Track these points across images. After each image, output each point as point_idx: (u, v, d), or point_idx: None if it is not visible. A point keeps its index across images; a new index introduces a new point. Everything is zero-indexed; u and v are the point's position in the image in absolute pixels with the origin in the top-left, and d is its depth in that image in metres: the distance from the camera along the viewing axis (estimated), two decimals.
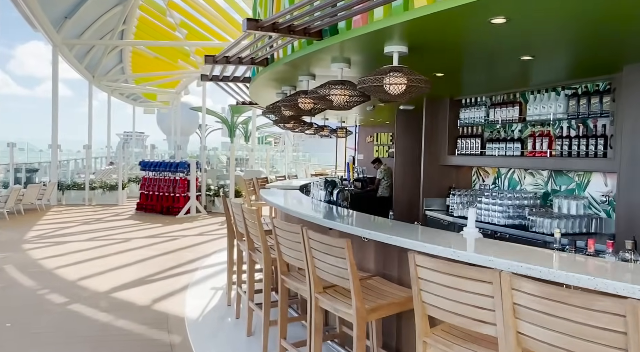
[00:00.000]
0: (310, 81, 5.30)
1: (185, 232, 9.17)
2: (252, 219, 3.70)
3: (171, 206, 11.55)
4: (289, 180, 9.66)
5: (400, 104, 6.64)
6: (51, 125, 13.51)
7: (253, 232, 3.79)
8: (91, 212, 11.90)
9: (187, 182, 11.53)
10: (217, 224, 10.25)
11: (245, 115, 41.39)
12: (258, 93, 7.20)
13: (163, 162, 11.81)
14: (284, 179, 9.45)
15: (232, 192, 11.84)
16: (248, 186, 7.94)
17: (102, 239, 8.41)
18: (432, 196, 5.54)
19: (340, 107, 4.02)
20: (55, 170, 13.50)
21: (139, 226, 9.92)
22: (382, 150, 10.50)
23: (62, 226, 9.59)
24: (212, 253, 7.29)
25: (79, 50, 16.62)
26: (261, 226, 3.62)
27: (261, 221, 3.62)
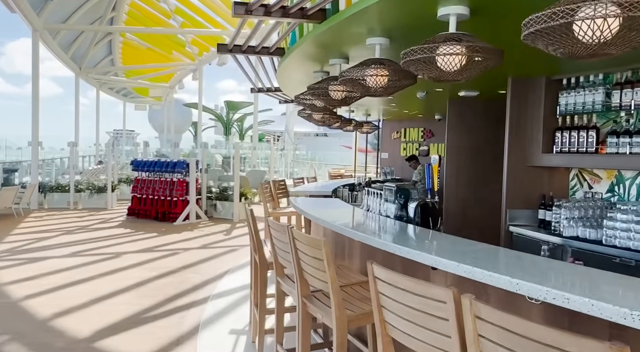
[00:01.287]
0: (344, 65, 4.06)
1: (186, 245, 7.80)
2: (317, 255, 2.36)
3: (168, 211, 10.15)
4: (308, 183, 8.34)
5: (457, 89, 5.35)
6: (31, 119, 12.04)
7: (315, 275, 2.45)
8: (76, 218, 10.47)
9: (185, 184, 10.15)
10: (221, 233, 8.89)
11: (241, 112, 39.91)
12: (286, 81, 5.90)
13: (158, 161, 10.40)
14: (302, 182, 8.14)
15: (236, 195, 10.47)
16: (265, 191, 6.60)
17: (87, 253, 7.01)
18: (517, 206, 4.24)
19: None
20: (36, 170, 12.03)
21: (131, 235, 8.53)
22: (411, 148, 9.21)
23: (40, 236, 8.17)
24: (222, 274, 5.93)
25: (64, 38, 15.12)
26: (333, 266, 2.28)
27: (332, 259, 2.28)
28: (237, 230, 9.30)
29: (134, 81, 21.77)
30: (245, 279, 5.63)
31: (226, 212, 10.77)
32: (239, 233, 8.97)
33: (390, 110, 7.90)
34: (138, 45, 19.46)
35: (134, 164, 10.75)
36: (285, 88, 6.55)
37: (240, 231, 9.24)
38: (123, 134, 34.75)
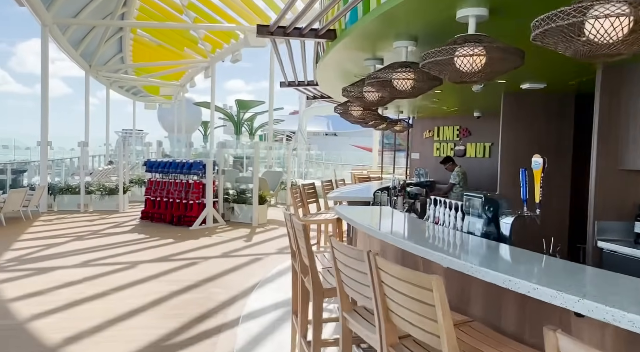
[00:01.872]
0: (411, 48, 3.48)
1: (205, 253, 7.21)
2: (422, 297, 1.71)
3: (183, 215, 9.58)
4: (339, 187, 7.71)
5: (520, 81, 4.69)
6: (40, 118, 11.52)
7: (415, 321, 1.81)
8: (87, 221, 9.93)
9: (202, 186, 9.57)
10: (241, 240, 8.29)
11: (251, 112, 39.34)
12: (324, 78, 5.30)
13: (173, 162, 9.83)
14: (331, 185, 7.50)
15: (255, 198, 9.87)
16: (295, 196, 5.98)
17: (99, 263, 6.44)
18: (608, 218, 3.58)
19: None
20: (45, 171, 11.52)
21: (145, 242, 7.96)
22: (445, 148, 8.55)
23: (49, 243, 7.63)
24: (250, 289, 5.32)
25: (74, 34, 14.62)
26: (449, 316, 1.64)
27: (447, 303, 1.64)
28: (258, 236, 8.69)
29: (144, 79, 21.28)
30: (277, 296, 5.02)
31: (244, 216, 10.18)
32: (260, 239, 8.37)
33: (427, 107, 7.25)
34: (149, 42, 18.96)
35: (147, 164, 10.19)
36: (324, 81, 5.93)
37: (261, 236, 8.63)
38: (132, 134, 34.37)
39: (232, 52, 16.64)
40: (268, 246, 7.83)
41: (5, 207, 9.22)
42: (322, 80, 5.98)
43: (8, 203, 9.27)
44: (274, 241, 8.20)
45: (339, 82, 5.23)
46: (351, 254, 2.22)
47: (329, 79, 5.60)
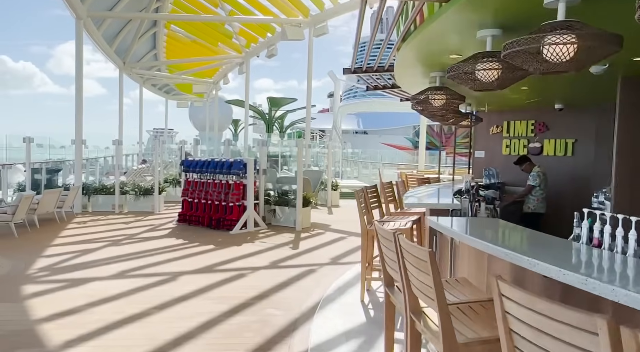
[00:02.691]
0: None
1: (251, 262, 6.50)
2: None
3: (222, 218, 8.93)
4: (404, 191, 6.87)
5: None
6: (75, 115, 11.11)
7: None
8: (122, 223, 9.41)
9: (242, 187, 8.89)
10: (287, 246, 7.55)
11: (283, 109, 38.81)
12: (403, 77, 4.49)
13: (212, 161, 9.19)
14: (391, 190, 6.67)
15: (299, 200, 9.12)
16: (360, 201, 5.17)
17: (137, 273, 5.81)
18: None
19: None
20: (79, 171, 11.11)
21: (184, 248, 7.32)
22: (517, 145, 7.58)
23: (83, 248, 7.08)
24: (311, 311, 4.55)
25: (108, 30, 14.25)
26: None
27: None
28: (305, 242, 7.94)
29: (177, 76, 20.92)
30: (344, 322, 4.24)
31: (286, 219, 9.46)
32: (308, 246, 7.61)
33: (505, 97, 6.31)
34: (183, 38, 18.54)
35: (184, 164, 9.59)
36: (404, 65, 5.08)
37: (308, 243, 7.88)
38: (164, 133, 34.36)
39: (267, 46, 15.99)
40: (318, 254, 7.06)
41: (39, 208, 8.78)
42: (402, 65, 5.13)
43: (42, 204, 8.83)
44: (324, 249, 7.43)
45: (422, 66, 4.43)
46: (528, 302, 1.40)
47: (410, 63, 4.75)
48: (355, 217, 10.86)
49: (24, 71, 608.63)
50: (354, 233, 8.71)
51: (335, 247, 7.52)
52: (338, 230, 9.09)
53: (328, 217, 10.77)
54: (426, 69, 4.64)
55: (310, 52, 14.66)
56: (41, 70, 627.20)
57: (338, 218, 10.64)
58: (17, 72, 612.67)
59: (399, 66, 4.91)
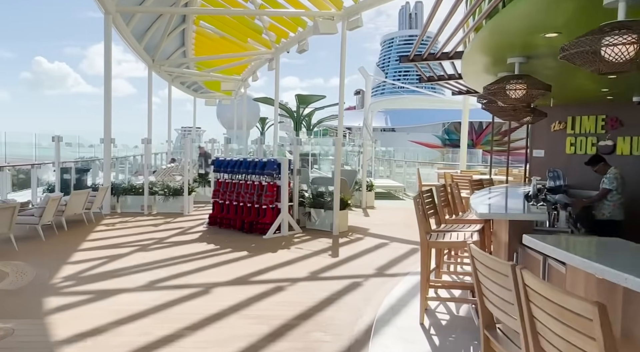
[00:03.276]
0: None
1: (288, 272, 5.94)
2: None
3: (255, 221, 8.41)
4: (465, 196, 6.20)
5: None
6: (103, 113, 10.82)
7: None
8: (151, 226, 9.03)
9: (276, 189, 8.35)
10: (325, 254, 6.97)
11: (311, 107, 38.33)
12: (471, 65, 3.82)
13: (244, 161, 8.69)
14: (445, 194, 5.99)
15: (336, 202, 8.53)
16: (418, 207, 4.52)
17: (167, 284, 5.33)
18: None
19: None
20: (108, 171, 10.82)
21: (216, 255, 6.83)
22: (584, 144, 6.76)
23: (111, 254, 6.68)
24: (364, 335, 3.94)
25: (137, 27, 13.97)
26: None
27: None
28: (344, 249, 7.33)
29: (206, 74, 20.62)
30: (407, 350, 3.61)
31: (322, 222, 8.88)
32: (349, 253, 7.00)
33: (578, 88, 5.51)
34: (212, 35, 18.18)
35: (215, 163, 9.12)
36: (471, 81, 4.43)
37: (347, 249, 7.27)
38: (192, 131, 34.40)
39: (298, 41, 15.41)
40: (361, 264, 6.44)
41: (67, 210, 8.47)
42: (477, 49, 4.43)
43: (70, 206, 8.51)
44: (366, 258, 6.81)
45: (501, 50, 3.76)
46: None
47: (487, 46, 4.05)
48: (395, 220, 10.30)
49: (58, 72, 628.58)
50: (397, 239, 8.06)
51: (378, 256, 6.89)
52: (378, 235, 8.45)
53: (365, 220, 10.14)
54: (505, 53, 3.94)
55: (344, 46, 13.98)
56: (75, 70, 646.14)
57: (376, 221, 10.00)
58: (52, 73, 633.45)
59: (472, 51, 4.20)
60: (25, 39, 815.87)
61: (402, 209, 12.31)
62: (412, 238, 8.11)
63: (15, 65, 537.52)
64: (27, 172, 10.76)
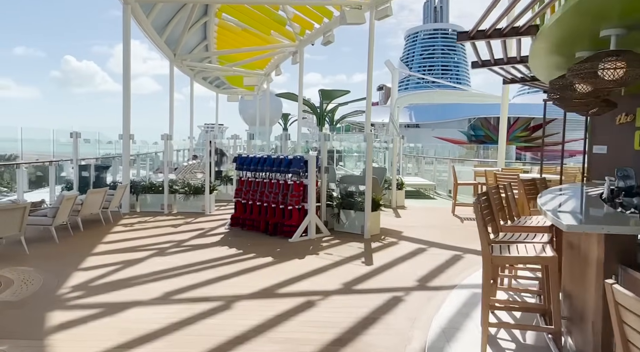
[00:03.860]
0: None
1: (318, 282, 5.30)
2: None
3: (280, 222, 7.81)
4: None
5: None
6: (122, 109, 10.39)
7: None
8: (170, 226, 8.53)
9: (303, 188, 7.72)
10: (358, 261, 6.30)
11: (334, 102, 37.58)
12: None
13: (268, 158, 8.09)
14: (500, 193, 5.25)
15: (368, 202, 7.84)
16: (482, 212, 3.82)
17: (183, 297, 4.75)
18: None
19: None
20: (127, 168, 10.38)
21: (239, 261, 6.24)
22: None
23: (125, 259, 6.17)
24: None
25: (157, 18, 13.53)
26: None
27: None
28: (378, 255, 6.64)
29: (228, 68, 20.15)
30: None
31: (351, 224, 8.22)
32: (384, 260, 6.30)
33: None
34: (234, 27, 17.66)
35: (237, 161, 8.55)
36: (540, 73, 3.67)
37: (382, 256, 6.57)
38: (215, 128, 34.13)
39: (323, 32, 14.73)
40: (400, 273, 5.75)
41: (83, 210, 8.04)
42: (535, 69, 3.68)
43: (86, 205, 8.08)
44: (404, 266, 6.10)
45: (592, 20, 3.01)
46: None
47: (570, 17, 3.30)
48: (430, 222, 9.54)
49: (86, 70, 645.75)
50: (435, 244, 7.33)
51: (417, 264, 6.18)
52: (414, 239, 7.73)
53: (397, 222, 9.42)
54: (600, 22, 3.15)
55: (372, 37, 13.24)
56: (102, 68, 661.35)
57: (409, 222, 9.26)
58: (81, 71, 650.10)
59: (559, 20, 3.38)
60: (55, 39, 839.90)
61: (435, 210, 11.54)
62: (452, 243, 7.37)
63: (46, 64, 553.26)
64: (45, 170, 10.42)
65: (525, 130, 66.38)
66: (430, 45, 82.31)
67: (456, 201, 10.43)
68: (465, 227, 8.93)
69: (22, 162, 9.97)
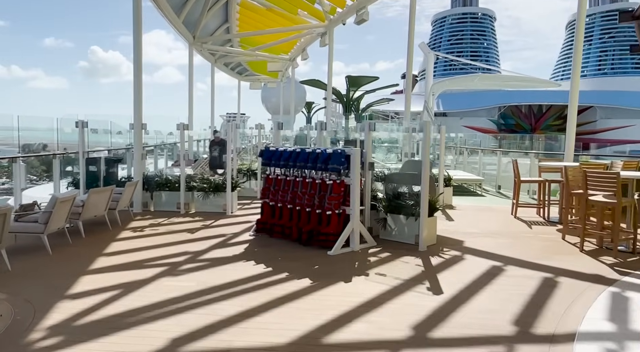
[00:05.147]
0: None
1: (377, 323, 3.89)
2: None
3: (316, 230, 6.43)
4: None
5: None
6: (133, 95, 9.14)
7: None
8: (186, 231, 7.27)
9: (344, 189, 6.31)
10: (421, 286, 4.86)
11: (361, 90, 35.88)
12: None
13: (302, 151, 6.68)
14: None
15: (424, 206, 6.37)
16: None
17: (197, 348, 3.43)
18: None
19: None
20: (139, 162, 9.16)
21: (268, 284, 4.89)
22: None
23: (125, 281, 4.89)
24: None
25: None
26: None
27: None
28: (445, 277, 5.18)
29: (251, 53, 18.78)
30: None
31: (400, 231, 6.79)
32: (454, 285, 4.83)
33: None
34: (257, 7, 16.23)
35: (264, 155, 7.17)
36: None
37: (449, 278, 5.10)
38: (237, 117, 33.01)
39: (357, 10, 13.16)
40: (484, 309, 4.28)
41: (84, 212, 6.84)
42: None
43: (88, 207, 6.87)
44: (486, 296, 4.63)
45: None
46: None
47: None
48: (490, 226, 8.90)
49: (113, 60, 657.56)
50: (512, 260, 5.82)
51: (502, 293, 4.71)
52: (481, 252, 6.25)
53: (451, 226, 7.92)
54: None
55: (413, 10, 11.66)
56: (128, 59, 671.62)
57: (466, 227, 7.77)
58: (107, 61, 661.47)
59: None
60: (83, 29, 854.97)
61: (489, 210, 9.98)
62: (532, 258, 5.86)
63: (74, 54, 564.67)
64: (50, 163, 9.29)
65: (559, 118, 63.34)
66: (459, 30, 79.18)
67: (518, 201, 8.85)
68: (537, 236, 7.38)
69: (18, 156, 8.85)
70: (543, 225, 8.18)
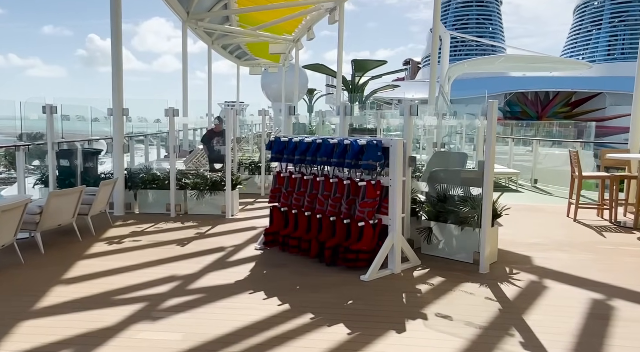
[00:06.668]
0: None
1: None
2: None
3: (343, 245, 4.88)
4: None
5: None
6: (112, 78, 7.53)
7: None
8: (174, 243, 5.74)
9: (380, 192, 4.76)
10: (502, 333, 3.34)
11: (367, 75, 34.14)
12: None
13: (323, 142, 5.09)
14: None
15: (487, 216, 4.83)
16: None
17: None
18: None
19: None
20: (120, 156, 7.59)
21: (286, 338, 3.37)
22: None
23: (81, 333, 3.38)
24: None
25: None
26: None
27: None
28: (536, 321, 3.65)
29: (251, 32, 17.07)
30: None
31: (449, 245, 5.28)
32: (557, 340, 3.33)
33: None
34: None
35: (274, 148, 5.56)
36: None
37: (545, 324, 3.58)
38: (236, 105, 31.36)
39: None
40: None
41: (43, 222, 5.30)
42: None
43: (47, 215, 5.32)
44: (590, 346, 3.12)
45: None
46: None
47: None
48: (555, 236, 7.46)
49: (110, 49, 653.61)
50: (613, 289, 4.30)
51: (632, 349, 3.20)
52: (563, 275, 4.73)
53: (506, 234, 6.34)
54: None
55: None
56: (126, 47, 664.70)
57: (523, 236, 6.23)
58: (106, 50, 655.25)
59: None
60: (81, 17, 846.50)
61: (538, 211, 8.44)
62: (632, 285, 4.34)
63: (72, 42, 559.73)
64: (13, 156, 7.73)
65: (566, 105, 61.62)
66: (464, 15, 76.92)
67: (578, 201, 7.33)
68: (619, 248, 5.86)
69: None
70: (615, 231, 6.67)
